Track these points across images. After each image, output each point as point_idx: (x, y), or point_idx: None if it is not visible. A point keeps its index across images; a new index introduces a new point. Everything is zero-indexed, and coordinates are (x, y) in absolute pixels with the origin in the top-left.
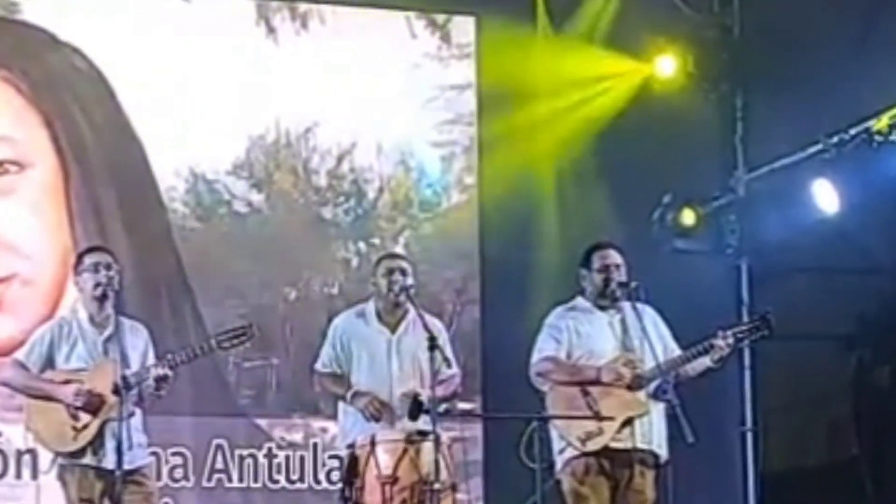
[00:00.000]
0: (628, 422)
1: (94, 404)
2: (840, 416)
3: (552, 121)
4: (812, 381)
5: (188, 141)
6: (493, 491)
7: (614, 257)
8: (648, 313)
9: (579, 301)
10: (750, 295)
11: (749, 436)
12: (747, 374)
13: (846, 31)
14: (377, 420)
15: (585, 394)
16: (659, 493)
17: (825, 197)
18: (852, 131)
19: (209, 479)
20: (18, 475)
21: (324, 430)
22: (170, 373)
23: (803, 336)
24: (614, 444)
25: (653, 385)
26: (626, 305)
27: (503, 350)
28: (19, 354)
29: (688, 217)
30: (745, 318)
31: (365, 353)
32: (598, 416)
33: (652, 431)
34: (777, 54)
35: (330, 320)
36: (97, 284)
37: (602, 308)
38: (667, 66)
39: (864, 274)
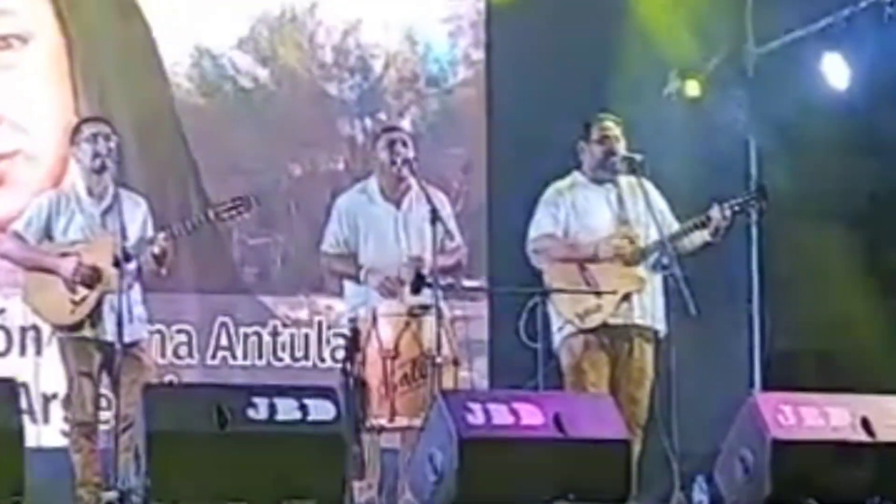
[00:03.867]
0: (627, 297)
1: (92, 278)
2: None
3: None
4: (821, 260)
5: (193, 16)
6: (498, 369)
7: (613, 129)
8: (650, 190)
9: (576, 176)
10: (759, 171)
11: (755, 313)
12: (754, 249)
13: None
14: (393, 296)
15: (583, 269)
16: (659, 368)
17: (836, 72)
18: (863, 4)
19: (213, 357)
20: (22, 351)
21: (328, 308)
22: (167, 246)
23: (812, 214)
24: (613, 320)
25: (651, 259)
26: (624, 180)
27: (510, 228)
28: (17, 225)
29: (692, 88)
30: None
31: (372, 230)
32: (597, 291)
33: (650, 306)
34: None
35: (334, 197)
36: (96, 155)
37: (599, 182)
38: None
39: (875, 153)
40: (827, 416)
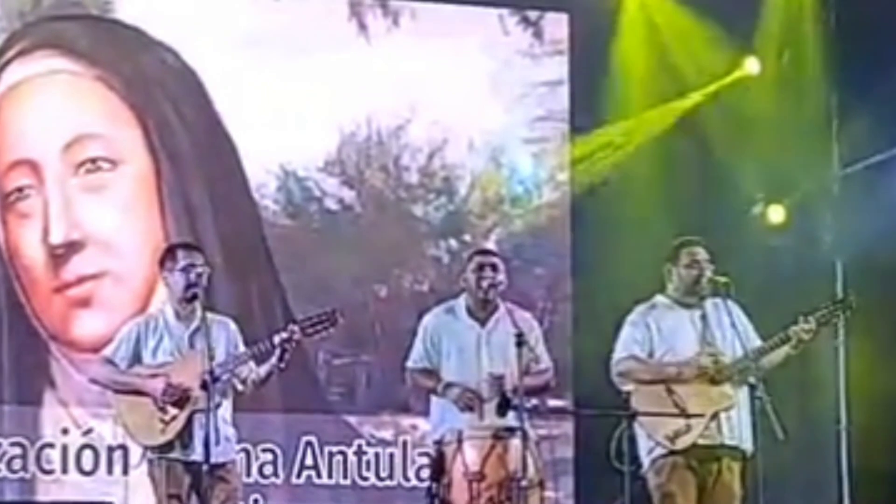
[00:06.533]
0: (715, 416)
1: (180, 398)
2: None
3: (646, 116)
4: None
5: (279, 138)
6: (584, 489)
7: (703, 254)
8: (734, 310)
9: (659, 298)
10: (845, 293)
11: (843, 434)
12: (842, 368)
13: None
14: (471, 410)
15: (670, 392)
16: (747, 488)
17: None
18: None
19: (298, 476)
20: (110, 471)
21: (413, 427)
22: (260, 371)
23: None
24: (701, 441)
25: (737, 377)
26: (708, 301)
27: (596, 348)
28: (107, 351)
29: (777, 214)
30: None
31: (455, 347)
32: (686, 414)
33: (738, 426)
34: (873, 48)
35: (420, 318)
36: (188, 286)
37: (684, 305)
38: (756, 64)
39: None
40: None
